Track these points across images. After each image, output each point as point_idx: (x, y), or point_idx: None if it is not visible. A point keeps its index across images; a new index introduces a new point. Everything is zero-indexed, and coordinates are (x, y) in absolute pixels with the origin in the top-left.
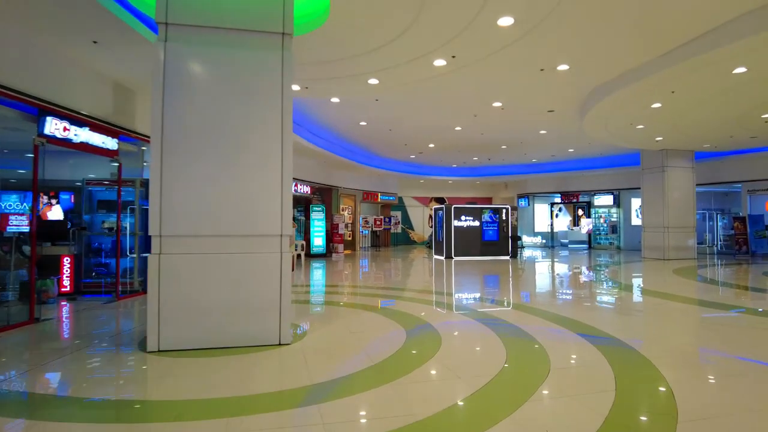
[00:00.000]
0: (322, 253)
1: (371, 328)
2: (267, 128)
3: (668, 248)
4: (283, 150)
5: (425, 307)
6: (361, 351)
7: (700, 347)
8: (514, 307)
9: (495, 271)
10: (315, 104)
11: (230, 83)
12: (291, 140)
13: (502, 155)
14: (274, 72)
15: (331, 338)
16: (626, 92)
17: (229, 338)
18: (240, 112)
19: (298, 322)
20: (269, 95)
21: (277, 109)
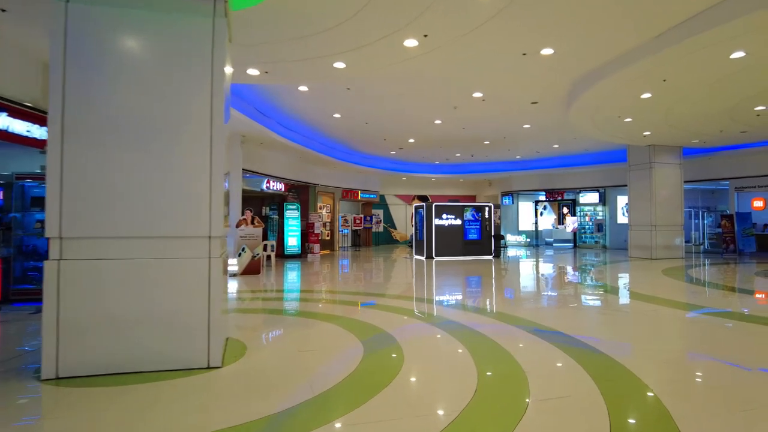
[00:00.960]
0: (297, 253)
1: (325, 344)
2: (192, 109)
3: (655, 247)
4: (213, 136)
5: (393, 316)
6: (304, 377)
7: (708, 372)
8: (492, 315)
9: (476, 273)
10: (283, 93)
11: (148, 53)
12: (223, 125)
13: (486, 152)
14: (201, 42)
15: (273, 359)
16: (615, 80)
17: (147, 361)
18: (158, 89)
19: (242, 336)
20: (195, 69)
21: (205, 86)
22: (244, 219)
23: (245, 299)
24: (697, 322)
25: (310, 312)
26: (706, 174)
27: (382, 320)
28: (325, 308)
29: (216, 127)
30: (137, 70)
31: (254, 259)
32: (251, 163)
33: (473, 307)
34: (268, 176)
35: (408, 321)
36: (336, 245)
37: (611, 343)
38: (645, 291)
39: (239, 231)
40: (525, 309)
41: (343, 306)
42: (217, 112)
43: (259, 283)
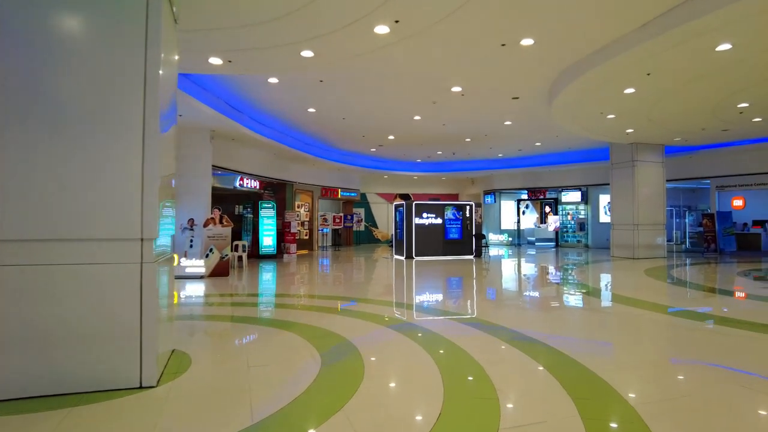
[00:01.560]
0: (273, 253)
1: (281, 357)
2: (119, 95)
3: (638, 246)
4: (147, 126)
5: (360, 323)
6: (246, 400)
7: (694, 386)
8: (468, 321)
9: (456, 274)
10: (253, 86)
11: (66, 30)
12: (159, 113)
13: (467, 149)
14: (132, 19)
15: (217, 376)
16: (598, 73)
17: (70, 382)
18: (76, 70)
19: (190, 348)
20: (124, 49)
21: (136, 69)
22: (212, 218)
23: (206, 304)
24: (680, 328)
25: (273, 319)
26: (687, 173)
27: (349, 328)
28: (290, 314)
29: (150, 116)
30: (51, 46)
31: (223, 260)
32: (222, 159)
33: (448, 312)
34: (241, 173)
35: (376, 329)
36: (315, 245)
37: (591, 352)
38: (627, 293)
39: (207, 231)
40: (503, 314)
41: (309, 312)
42: (152, 99)
43: (226, 286)
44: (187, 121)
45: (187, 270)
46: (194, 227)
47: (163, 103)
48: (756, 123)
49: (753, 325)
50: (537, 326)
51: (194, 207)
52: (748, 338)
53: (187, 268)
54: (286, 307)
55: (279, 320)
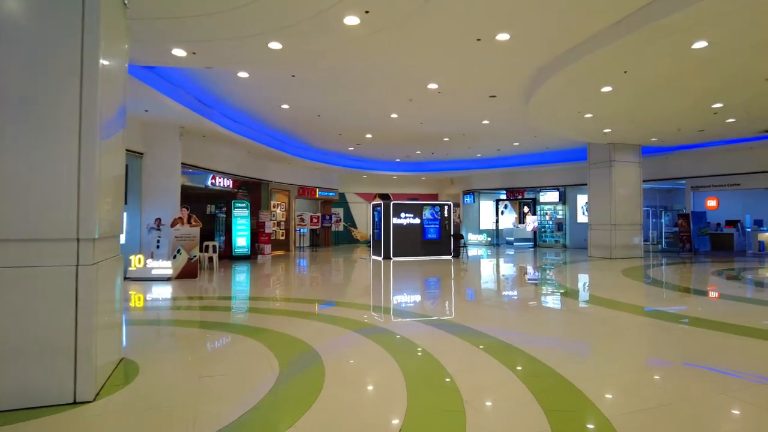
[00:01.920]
0: (246, 254)
1: (236, 367)
2: (53, 77)
3: (615, 246)
4: (85, 113)
5: (328, 329)
6: (189, 417)
7: (671, 399)
8: (441, 325)
9: (433, 274)
10: (223, 81)
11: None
12: (96, 100)
13: (446, 149)
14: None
15: (163, 388)
16: (575, 70)
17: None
18: (4, 52)
19: (141, 356)
20: (57, 29)
21: (70, 48)
22: (179, 218)
23: (169, 308)
24: (657, 331)
25: (236, 324)
26: (663, 173)
27: (315, 334)
28: (256, 319)
29: (88, 108)
30: None
31: (191, 261)
32: (193, 157)
33: (421, 315)
34: (213, 172)
35: (344, 334)
36: (292, 245)
37: (567, 358)
38: (605, 294)
39: (174, 231)
40: (477, 317)
41: (275, 317)
42: (90, 90)
43: (193, 289)
44: (154, 116)
45: (153, 272)
46: (161, 227)
47: (105, 95)
48: (729, 124)
49: (728, 326)
50: (512, 330)
51: (162, 206)
52: (723, 339)
53: (154, 269)
54: (253, 312)
55: (243, 326)
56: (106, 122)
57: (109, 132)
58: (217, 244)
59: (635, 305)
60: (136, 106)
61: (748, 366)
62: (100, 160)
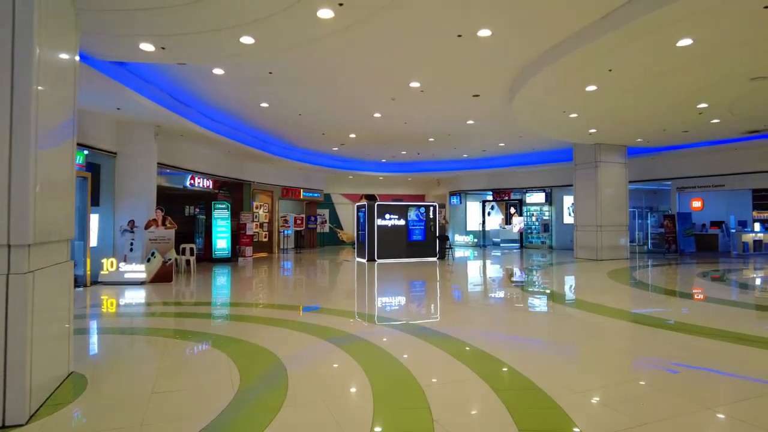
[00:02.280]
0: (227, 257)
1: (193, 382)
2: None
3: (601, 248)
4: (16, 101)
5: (300, 338)
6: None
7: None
8: (418, 332)
9: (416, 277)
10: (198, 78)
11: None
12: (32, 86)
13: (432, 149)
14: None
15: (109, 406)
16: (559, 68)
17: None
18: None
19: (92, 370)
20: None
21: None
22: (153, 219)
23: (137, 315)
24: (642, 338)
25: (204, 333)
26: (649, 174)
27: (285, 343)
28: (225, 327)
29: (20, 98)
30: None
31: (165, 264)
32: (171, 157)
33: (398, 321)
34: (192, 172)
35: (315, 344)
36: (275, 247)
37: (548, 369)
38: (590, 297)
39: (148, 233)
40: (457, 323)
41: (246, 324)
42: (22, 85)
43: (167, 294)
44: (128, 115)
45: (126, 276)
46: (135, 229)
47: (46, 90)
48: (714, 125)
49: (716, 332)
50: (491, 337)
51: (137, 207)
52: (709, 345)
53: (127, 273)
54: (224, 319)
55: (211, 334)
56: (47, 119)
57: (53, 130)
58: (194, 246)
59: (620, 309)
60: (106, 103)
61: (739, 372)
62: (38, 161)
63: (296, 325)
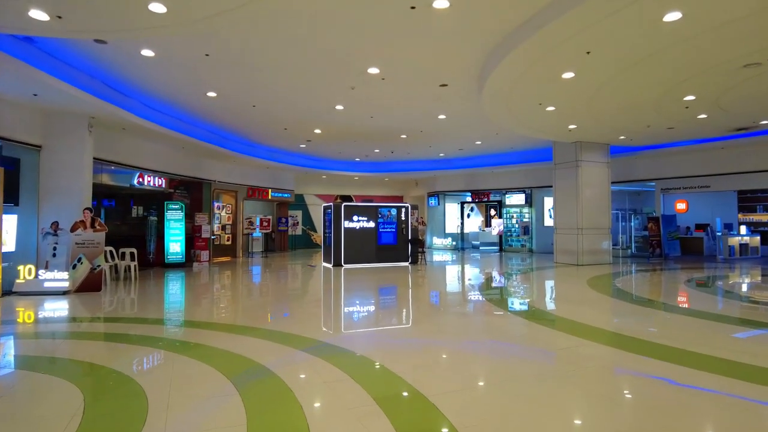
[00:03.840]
0: (181, 262)
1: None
2: None
3: (582, 252)
4: None
5: (195, 369)
6: None
7: None
8: (352, 362)
9: (381, 284)
10: (128, 63)
11: None
12: None
13: (406, 148)
14: None
15: None
16: (531, 48)
17: None
18: None
19: None
20: None
21: None
22: (81, 221)
23: (31, 336)
24: (621, 375)
25: (82, 362)
26: (632, 174)
27: (158, 375)
28: (120, 352)
29: None
30: None
31: (94, 271)
32: (113, 153)
33: (339, 346)
34: (140, 169)
35: (223, 385)
36: (239, 251)
37: (494, 423)
38: (567, 313)
39: (74, 237)
40: (396, 345)
41: (146, 348)
42: None
43: (89, 306)
44: (51, 103)
45: (46, 284)
46: (59, 232)
47: None
48: (701, 120)
49: (709, 360)
50: (433, 370)
51: (65, 208)
52: (708, 380)
53: (47, 282)
54: (122, 341)
55: (89, 362)
56: None
57: None
58: (134, 251)
59: (598, 329)
60: (17, 88)
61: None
62: None
63: (203, 351)
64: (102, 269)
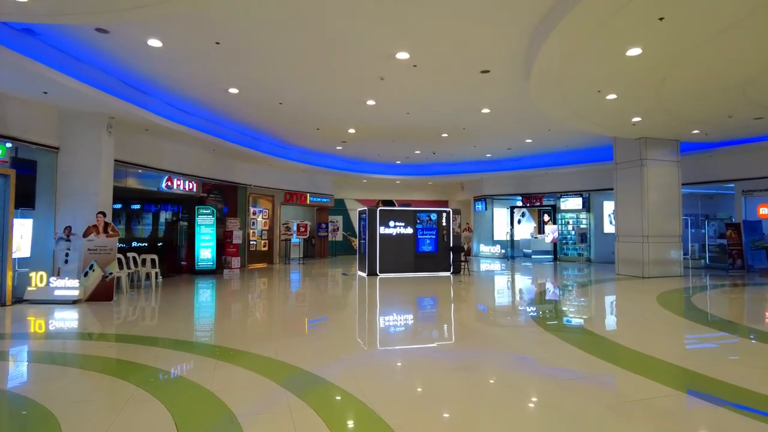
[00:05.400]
0: (211, 268)
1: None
2: None
3: (648, 262)
4: None
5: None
6: None
7: None
8: (347, 407)
9: (417, 298)
10: (137, 55)
11: None
12: None
13: (448, 147)
14: None
15: None
16: (585, 14)
17: None
18: None
19: None
20: None
21: None
22: (94, 226)
23: (12, 358)
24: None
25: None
26: (707, 175)
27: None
28: (88, 379)
29: None
30: None
31: (105, 279)
32: (139, 155)
33: (327, 380)
34: (168, 172)
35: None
36: (276, 257)
37: None
38: (636, 342)
39: (87, 242)
40: (417, 394)
41: (113, 384)
42: None
43: (96, 318)
44: (64, 102)
45: (56, 293)
46: (72, 237)
47: None
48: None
49: None
50: (452, 423)
51: (83, 212)
52: None
53: (57, 290)
54: (105, 369)
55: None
56: None
57: None
58: (155, 257)
59: (681, 369)
60: (22, 85)
61: None
62: None
63: (162, 390)
64: (114, 277)
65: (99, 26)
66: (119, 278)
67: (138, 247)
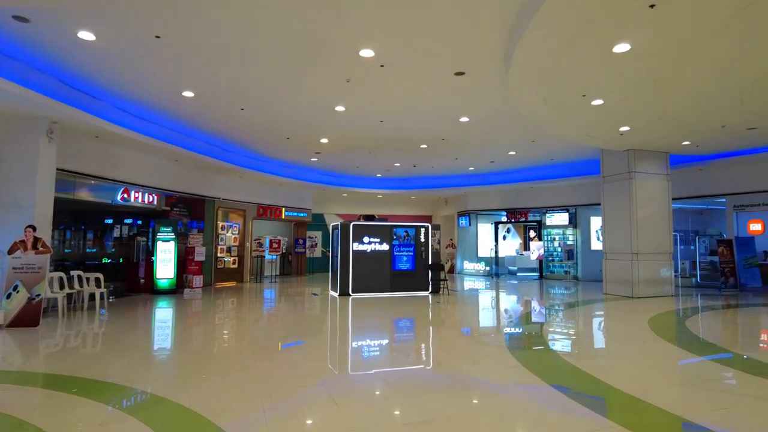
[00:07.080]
0: (171, 288)
1: None
2: None
3: (637, 282)
4: None
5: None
6: None
7: None
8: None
9: (393, 318)
10: (73, 51)
11: None
12: None
13: (429, 160)
14: None
15: None
16: (568, 2)
17: None
18: None
19: None
20: None
21: None
22: (21, 241)
23: None
24: None
25: None
26: (696, 189)
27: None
28: None
29: None
30: None
31: (32, 302)
32: (89, 165)
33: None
34: (125, 184)
35: None
36: (246, 275)
37: None
38: (630, 384)
39: (12, 259)
40: None
41: None
42: None
43: (6, 349)
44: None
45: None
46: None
47: None
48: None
49: None
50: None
51: (13, 226)
52: None
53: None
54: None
55: None
56: None
57: None
58: (100, 276)
59: (687, 423)
60: None
61: None
62: None
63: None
64: (41, 299)
65: (15, 13)
66: (56, 300)
67: (92, 265)
